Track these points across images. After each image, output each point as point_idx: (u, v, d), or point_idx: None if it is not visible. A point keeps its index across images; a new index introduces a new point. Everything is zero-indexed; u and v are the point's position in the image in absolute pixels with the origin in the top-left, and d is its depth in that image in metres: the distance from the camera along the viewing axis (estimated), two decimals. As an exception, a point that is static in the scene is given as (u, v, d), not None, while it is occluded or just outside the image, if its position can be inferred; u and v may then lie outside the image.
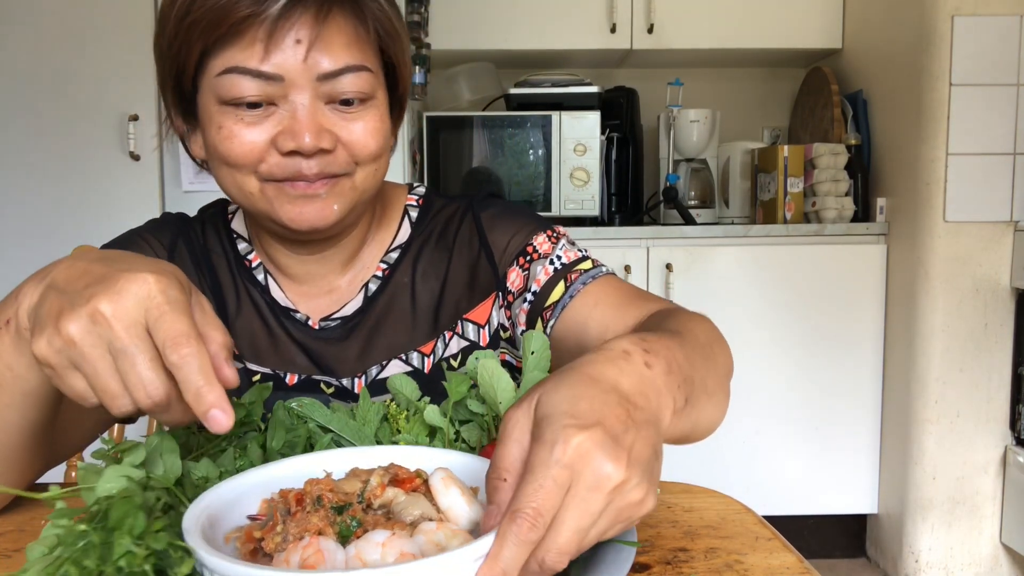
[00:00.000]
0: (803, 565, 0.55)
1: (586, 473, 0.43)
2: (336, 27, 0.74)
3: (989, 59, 2.20)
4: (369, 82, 0.76)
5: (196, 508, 0.48)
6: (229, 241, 0.91)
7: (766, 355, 2.48)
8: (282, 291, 0.88)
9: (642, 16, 2.66)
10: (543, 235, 0.89)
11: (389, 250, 0.91)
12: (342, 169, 0.76)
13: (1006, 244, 2.24)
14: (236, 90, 0.72)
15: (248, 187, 0.76)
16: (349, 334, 0.87)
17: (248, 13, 0.70)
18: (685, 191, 2.85)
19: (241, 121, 0.73)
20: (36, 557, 0.45)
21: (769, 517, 0.71)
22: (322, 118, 0.74)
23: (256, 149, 0.74)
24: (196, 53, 0.73)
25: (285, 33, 0.71)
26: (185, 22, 0.72)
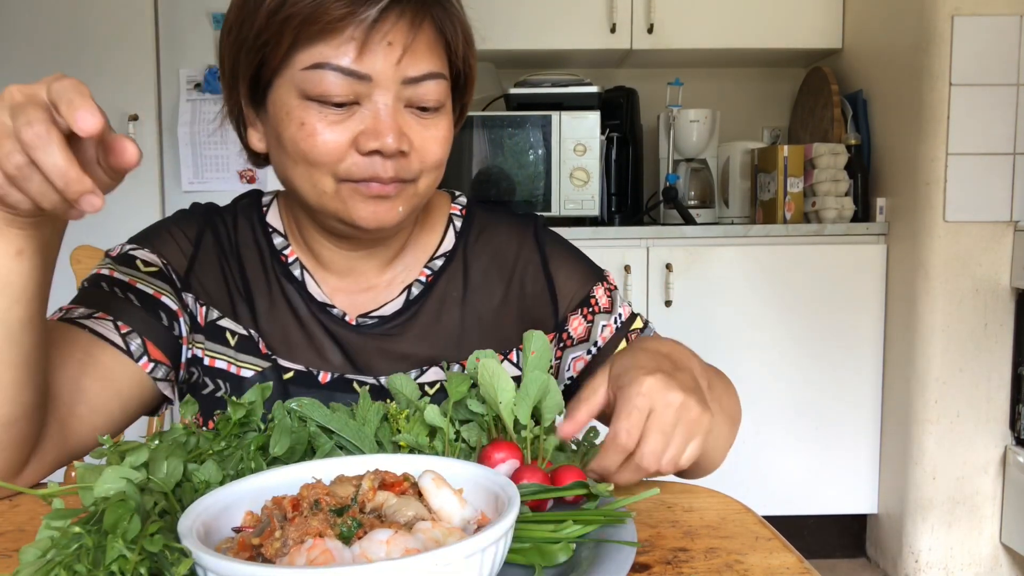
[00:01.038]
0: (803, 565, 0.55)
1: (658, 399, 0.61)
2: (426, 35, 0.76)
3: (989, 59, 2.20)
4: (446, 90, 0.78)
5: (187, 519, 0.48)
6: (264, 235, 0.90)
7: (766, 355, 2.48)
8: (318, 286, 0.88)
9: (642, 16, 2.66)
10: (601, 287, 0.94)
11: (433, 257, 0.91)
12: (412, 174, 0.78)
13: (1006, 244, 2.24)
14: (324, 86, 0.73)
15: (323, 186, 0.77)
16: (388, 332, 0.88)
17: (346, 12, 0.71)
18: (685, 191, 2.85)
19: (324, 119, 0.74)
20: (29, 560, 0.45)
21: (769, 517, 0.71)
22: (402, 121, 0.76)
23: (338, 148, 0.75)
24: (285, 45, 0.73)
25: (381, 35, 0.73)
26: (279, 15, 0.72)
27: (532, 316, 0.92)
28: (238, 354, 0.86)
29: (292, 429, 0.64)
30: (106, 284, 0.82)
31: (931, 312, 2.27)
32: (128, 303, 0.81)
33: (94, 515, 0.47)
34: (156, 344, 0.82)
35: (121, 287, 0.82)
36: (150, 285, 0.84)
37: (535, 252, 0.93)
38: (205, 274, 0.87)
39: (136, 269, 0.84)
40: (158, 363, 0.82)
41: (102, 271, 0.84)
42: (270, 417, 0.66)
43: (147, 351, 0.81)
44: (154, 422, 1.28)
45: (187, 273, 0.87)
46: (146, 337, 0.81)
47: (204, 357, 0.86)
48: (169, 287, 0.85)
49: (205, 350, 0.86)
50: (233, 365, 0.85)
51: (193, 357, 0.86)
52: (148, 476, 0.52)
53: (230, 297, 0.87)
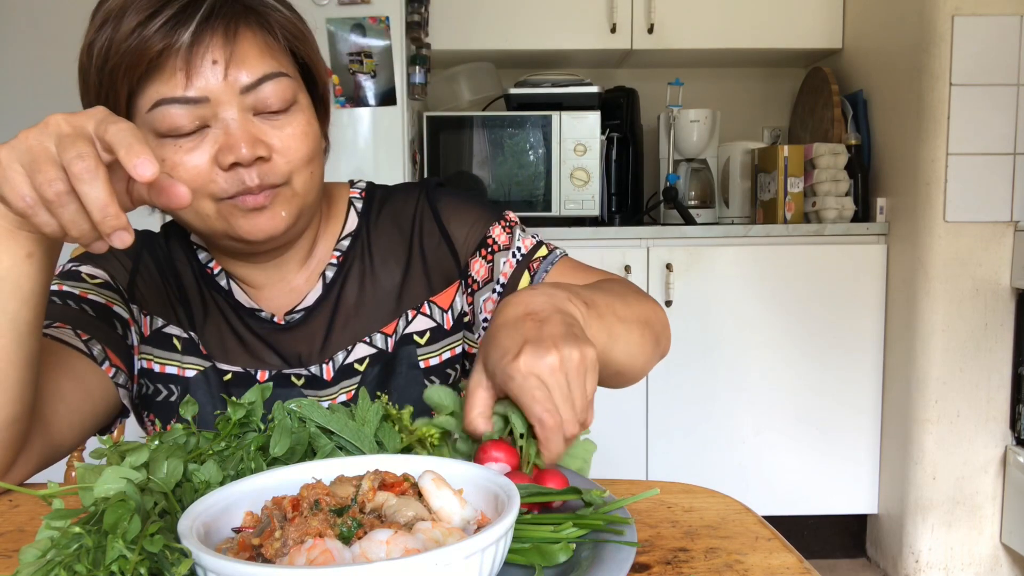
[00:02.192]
0: (803, 565, 0.55)
1: (542, 372, 0.58)
2: (247, 41, 0.77)
3: (989, 59, 2.20)
4: (290, 87, 0.79)
5: (187, 519, 0.48)
6: (191, 252, 0.93)
7: (766, 355, 2.48)
8: (245, 294, 0.91)
9: (642, 16, 2.66)
10: (498, 226, 0.95)
11: (340, 239, 0.94)
12: (280, 178, 0.79)
13: (1006, 244, 2.24)
14: (169, 120, 0.75)
15: (204, 210, 0.79)
16: (312, 321, 0.91)
17: (162, 47, 0.73)
18: (685, 191, 2.85)
19: (180, 149, 0.76)
20: (29, 560, 0.45)
21: (769, 517, 0.71)
22: (253, 129, 0.77)
23: (202, 172, 0.77)
24: (124, 96, 0.76)
25: (201, 57, 0.75)
26: (106, 69, 0.75)
27: (438, 271, 0.94)
28: (184, 356, 0.89)
29: (292, 430, 0.64)
30: (57, 298, 0.84)
31: (931, 312, 2.27)
32: (83, 313, 0.84)
33: (94, 515, 0.47)
34: (114, 351, 0.85)
35: (73, 299, 0.85)
36: (100, 295, 0.87)
37: (427, 210, 0.95)
38: (146, 286, 0.91)
39: (83, 281, 0.87)
40: (118, 369, 0.85)
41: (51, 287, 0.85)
42: (270, 417, 0.66)
43: (108, 357, 0.83)
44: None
45: (130, 285, 0.90)
46: (105, 344, 0.84)
47: (153, 365, 0.89)
48: (118, 296, 0.88)
49: (153, 359, 0.89)
50: (180, 368, 0.89)
51: (142, 369, 0.89)
52: (148, 476, 0.52)
53: (171, 305, 0.91)
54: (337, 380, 0.90)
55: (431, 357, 0.93)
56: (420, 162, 2.66)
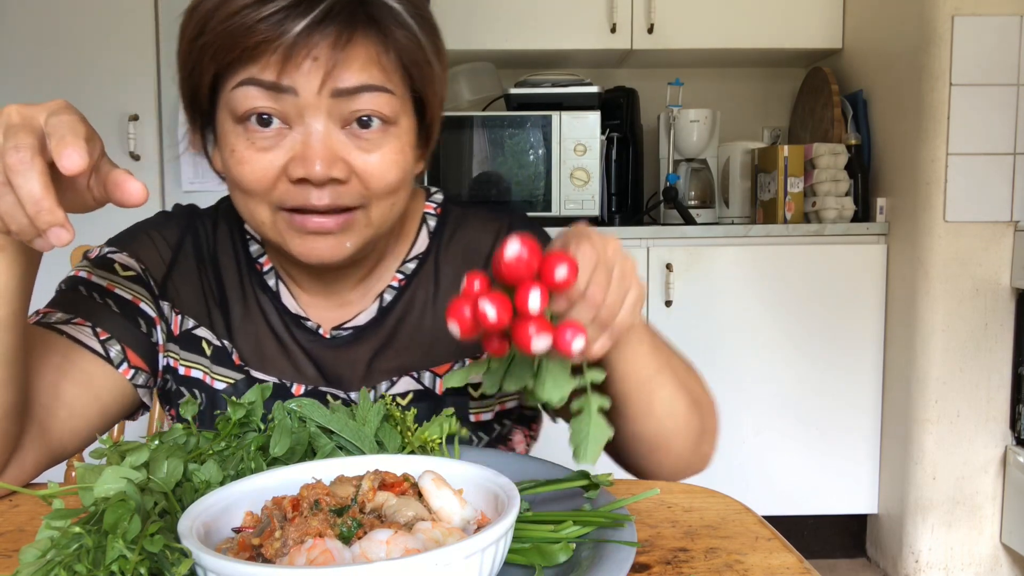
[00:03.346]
0: (803, 565, 0.55)
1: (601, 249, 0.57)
2: (356, 51, 0.70)
3: (989, 59, 2.20)
4: (390, 105, 0.72)
5: (188, 519, 0.48)
6: (242, 241, 0.87)
7: (766, 355, 2.48)
8: (293, 298, 0.86)
9: (642, 16, 2.66)
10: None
11: (406, 260, 0.87)
12: (355, 201, 0.72)
13: (1006, 244, 2.24)
14: (247, 103, 0.69)
15: (260, 215, 0.74)
16: (361, 342, 0.85)
17: (263, 38, 0.67)
18: (685, 191, 2.84)
19: (253, 145, 0.71)
20: (29, 560, 0.45)
21: (769, 517, 0.71)
22: (336, 145, 0.71)
23: (268, 176, 0.71)
24: (209, 73, 0.71)
25: (304, 52, 0.68)
26: (197, 43, 0.70)
27: None
28: (213, 365, 0.84)
29: (292, 429, 0.64)
30: (84, 288, 0.81)
31: (931, 312, 2.27)
32: (107, 308, 0.80)
33: (94, 515, 0.47)
34: (135, 351, 0.81)
35: (99, 292, 0.81)
36: (128, 290, 0.82)
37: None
38: (183, 282, 0.85)
39: (114, 273, 0.83)
40: (138, 370, 0.81)
41: (79, 273, 0.83)
42: (270, 417, 0.66)
43: (127, 358, 0.80)
44: (154, 423, 1.28)
45: (164, 280, 0.85)
46: (125, 344, 0.80)
47: (179, 367, 0.84)
48: (147, 293, 0.84)
49: (179, 360, 0.84)
50: (208, 375, 0.84)
51: (167, 366, 0.85)
52: (148, 476, 0.52)
53: (206, 306, 0.85)
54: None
55: (483, 412, 0.86)
56: (420, 162, 2.66)
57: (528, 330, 0.50)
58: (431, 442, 0.66)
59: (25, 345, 0.69)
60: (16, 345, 0.67)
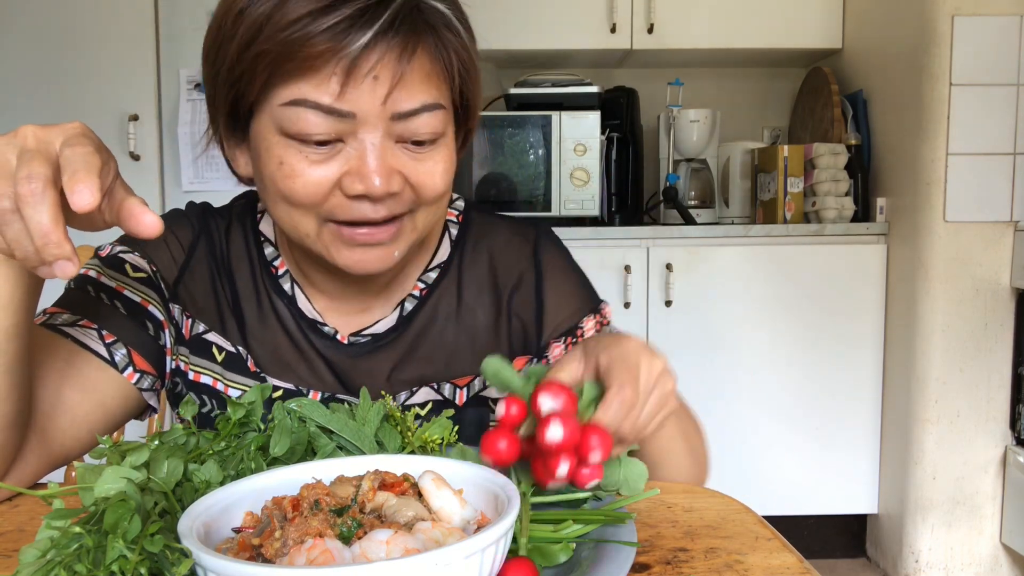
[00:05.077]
0: (803, 565, 0.55)
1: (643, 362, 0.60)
2: (418, 65, 0.68)
3: (989, 59, 2.20)
4: (443, 120, 0.71)
5: (188, 519, 0.48)
6: (256, 244, 0.86)
7: (766, 355, 2.48)
8: (310, 302, 0.84)
9: (642, 16, 2.66)
10: (592, 320, 0.88)
11: (427, 268, 0.86)
12: (405, 208, 0.72)
13: (1006, 244, 2.24)
14: (302, 124, 0.66)
15: (305, 227, 0.71)
16: (380, 351, 0.83)
17: (326, 48, 0.64)
18: (685, 191, 2.84)
19: (306, 159, 0.68)
20: (29, 560, 0.45)
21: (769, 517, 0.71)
22: (392, 159, 0.69)
23: (321, 190, 0.69)
24: (260, 81, 0.67)
25: (365, 71, 0.65)
26: (251, 50, 0.66)
27: (520, 336, 0.87)
28: (225, 372, 0.83)
29: (292, 429, 0.64)
30: (92, 288, 0.80)
31: (931, 312, 2.27)
32: (114, 311, 0.79)
33: (94, 515, 0.47)
34: (142, 354, 0.80)
35: (108, 293, 0.80)
36: (137, 292, 0.81)
37: (531, 268, 0.87)
38: (195, 285, 0.84)
39: (124, 274, 0.81)
40: (144, 373, 0.80)
41: (89, 272, 0.81)
42: (270, 417, 0.66)
43: (132, 362, 0.79)
44: (154, 423, 1.28)
45: (176, 283, 0.83)
46: (132, 347, 0.79)
47: (188, 371, 0.83)
48: (156, 296, 0.82)
49: (189, 364, 0.83)
50: (220, 382, 0.83)
51: (176, 368, 0.84)
52: (148, 476, 0.52)
53: (219, 310, 0.83)
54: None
55: None
56: (420, 162, 2.66)
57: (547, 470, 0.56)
58: (431, 442, 0.66)
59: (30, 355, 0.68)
60: (21, 355, 0.66)
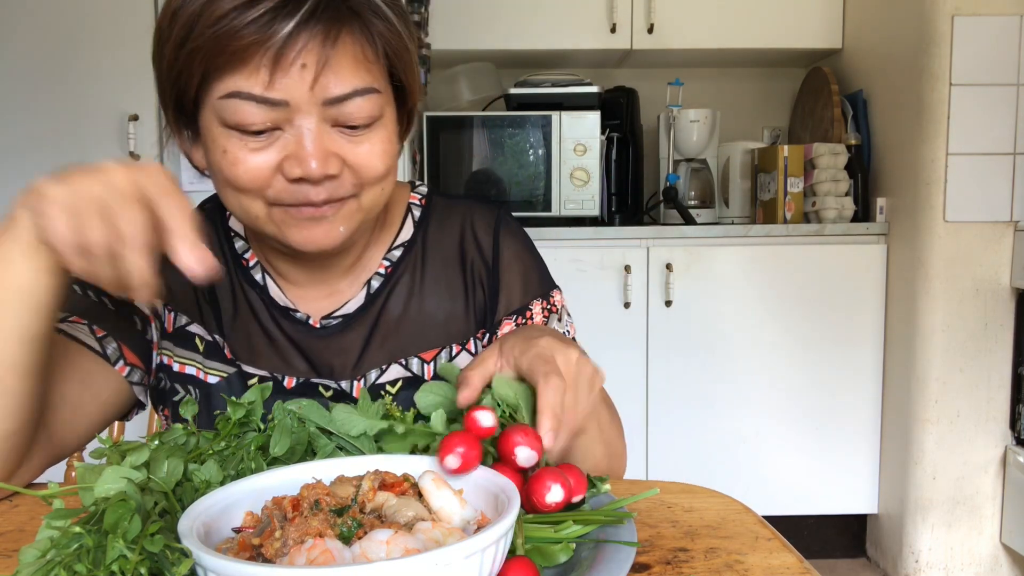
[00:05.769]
0: (803, 565, 0.55)
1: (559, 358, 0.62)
2: (343, 50, 0.71)
3: (989, 59, 2.20)
4: (378, 103, 0.74)
5: (188, 519, 0.48)
6: (227, 239, 0.89)
7: (766, 355, 2.48)
8: (281, 291, 0.87)
9: (642, 16, 2.66)
10: (540, 303, 0.91)
11: (391, 247, 0.89)
12: (348, 192, 0.75)
13: (1006, 244, 2.24)
14: (240, 115, 0.70)
15: (254, 211, 0.75)
16: (350, 331, 0.86)
17: (252, 40, 0.67)
18: (685, 191, 2.84)
19: (246, 147, 0.71)
20: (29, 560, 0.45)
21: (769, 517, 0.71)
22: (328, 142, 0.72)
23: (262, 175, 0.72)
24: (197, 77, 0.71)
25: (291, 58, 0.68)
26: (185, 48, 0.69)
27: (482, 310, 0.90)
28: (206, 360, 0.85)
29: (292, 429, 0.64)
30: (78, 287, 0.82)
31: (931, 312, 2.27)
32: (103, 307, 0.81)
33: (94, 515, 0.47)
34: (131, 349, 0.82)
35: (95, 290, 0.82)
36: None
37: (491, 247, 0.90)
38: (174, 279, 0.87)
39: None
40: (134, 367, 0.82)
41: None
42: (270, 417, 0.66)
43: (123, 355, 0.81)
44: (154, 422, 1.28)
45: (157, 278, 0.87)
46: (121, 341, 0.81)
47: (173, 363, 0.85)
48: None
49: (174, 356, 0.85)
50: (201, 371, 0.85)
51: (161, 364, 0.86)
52: (148, 476, 0.52)
53: (197, 303, 0.86)
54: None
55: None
56: (420, 162, 2.66)
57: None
58: None
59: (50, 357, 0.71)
60: (45, 358, 0.68)
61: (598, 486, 0.61)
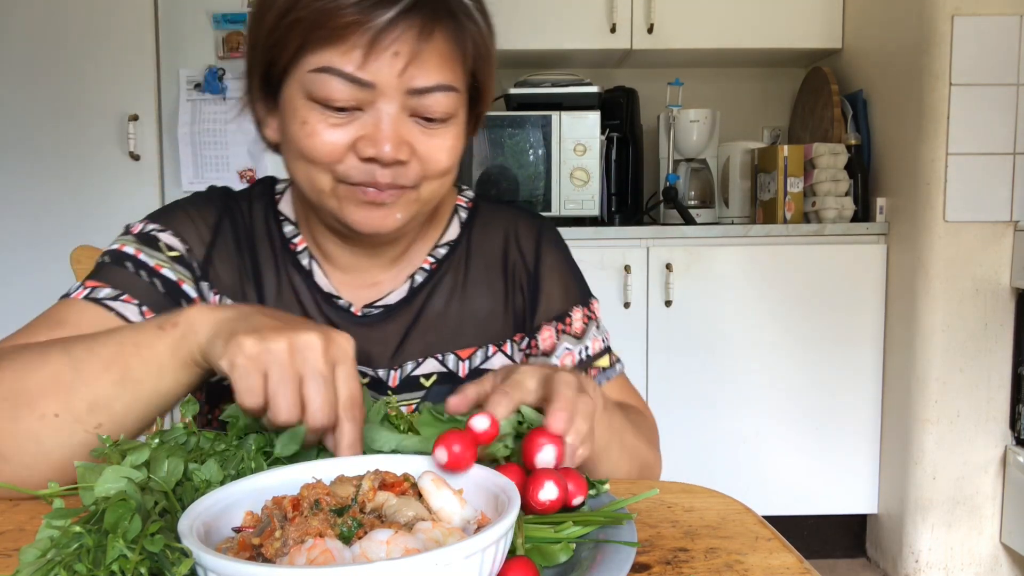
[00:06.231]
0: (803, 565, 0.55)
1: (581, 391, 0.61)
2: (435, 45, 0.75)
3: (989, 59, 2.20)
4: (455, 101, 0.78)
5: (188, 519, 0.47)
6: (276, 223, 0.91)
7: (766, 355, 2.48)
8: (326, 277, 0.89)
9: (642, 16, 2.66)
10: (580, 311, 0.94)
11: (437, 244, 0.93)
12: (411, 182, 0.78)
13: (1006, 244, 2.24)
14: (327, 90, 0.74)
15: (320, 184, 0.78)
16: (390, 321, 0.89)
17: (353, 20, 0.71)
18: (685, 191, 2.85)
19: (326, 121, 0.75)
20: (29, 560, 0.45)
21: (769, 517, 0.71)
22: (404, 130, 0.76)
23: (336, 150, 0.76)
24: (292, 48, 0.74)
25: (386, 44, 0.72)
26: (288, 17, 0.73)
27: (520, 314, 0.93)
28: None
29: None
30: (131, 265, 0.83)
31: (931, 312, 2.27)
32: (152, 289, 0.83)
33: (94, 515, 0.47)
34: None
35: (147, 271, 0.83)
36: (174, 270, 0.85)
37: (533, 253, 0.94)
38: (221, 263, 0.89)
39: (160, 252, 0.85)
40: None
41: (125, 248, 0.85)
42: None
43: None
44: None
45: (205, 261, 0.88)
46: None
47: None
48: (189, 274, 0.86)
49: None
50: None
51: None
52: (149, 475, 0.52)
53: (241, 286, 0.89)
54: (400, 391, 0.88)
55: None
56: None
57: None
58: None
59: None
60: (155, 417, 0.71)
61: (598, 487, 0.61)
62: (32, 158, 2.38)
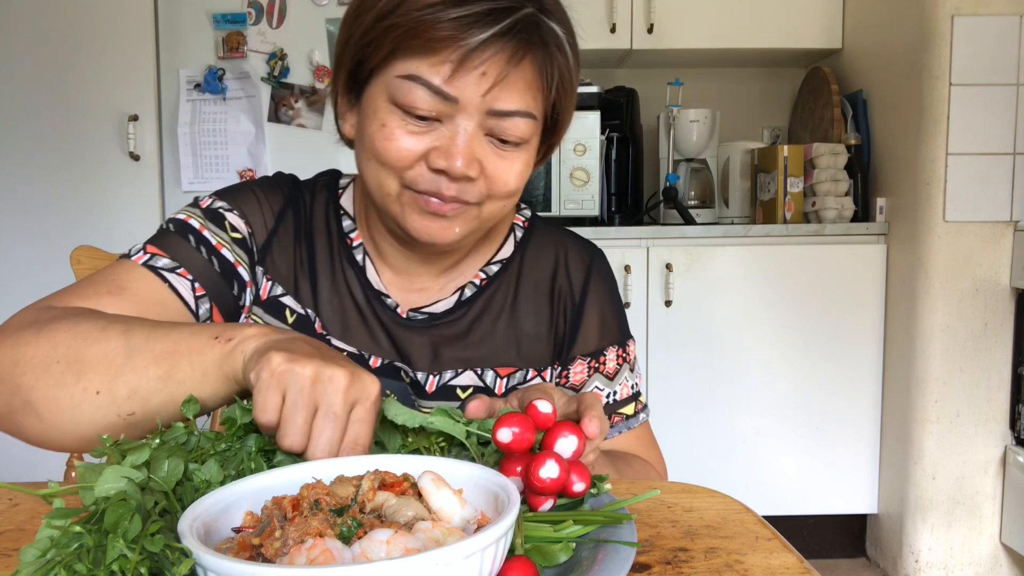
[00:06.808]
0: (803, 565, 0.55)
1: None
2: (522, 72, 0.77)
3: (989, 59, 2.20)
4: (532, 128, 0.79)
5: (188, 519, 0.47)
6: (335, 216, 0.93)
7: (766, 355, 2.48)
8: (378, 275, 0.91)
9: (642, 16, 2.66)
10: (615, 351, 0.95)
11: (490, 262, 0.94)
12: (475, 199, 0.80)
13: (1006, 244, 2.24)
14: (411, 98, 0.75)
15: (388, 187, 0.80)
16: (435, 329, 0.90)
17: (448, 35, 0.73)
18: (685, 191, 2.85)
19: (405, 127, 0.77)
20: (29, 560, 0.45)
21: (769, 517, 0.71)
22: (477, 147, 0.78)
23: (409, 156, 0.77)
24: (384, 51, 0.76)
25: (476, 63, 0.74)
26: (385, 21, 0.75)
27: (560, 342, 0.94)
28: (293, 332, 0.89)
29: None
30: (193, 239, 0.84)
31: (931, 312, 2.27)
32: (209, 267, 0.84)
33: (94, 515, 0.47)
34: (222, 311, 0.85)
35: (207, 248, 0.85)
36: (232, 252, 0.86)
37: (581, 283, 0.94)
38: (279, 250, 0.90)
39: (224, 231, 0.87)
40: None
41: (191, 221, 0.86)
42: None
43: (211, 317, 0.84)
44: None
45: (265, 246, 0.90)
46: (216, 304, 0.84)
47: None
48: (247, 258, 0.88)
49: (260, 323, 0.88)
50: None
51: None
52: (149, 475, 0.52)
53: (295, 276, 0.90)
54: (437, 396, 0.89)
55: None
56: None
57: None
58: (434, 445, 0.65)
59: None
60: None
61: (598, 486, 0.61)
62: (32, 158, 2.38)
